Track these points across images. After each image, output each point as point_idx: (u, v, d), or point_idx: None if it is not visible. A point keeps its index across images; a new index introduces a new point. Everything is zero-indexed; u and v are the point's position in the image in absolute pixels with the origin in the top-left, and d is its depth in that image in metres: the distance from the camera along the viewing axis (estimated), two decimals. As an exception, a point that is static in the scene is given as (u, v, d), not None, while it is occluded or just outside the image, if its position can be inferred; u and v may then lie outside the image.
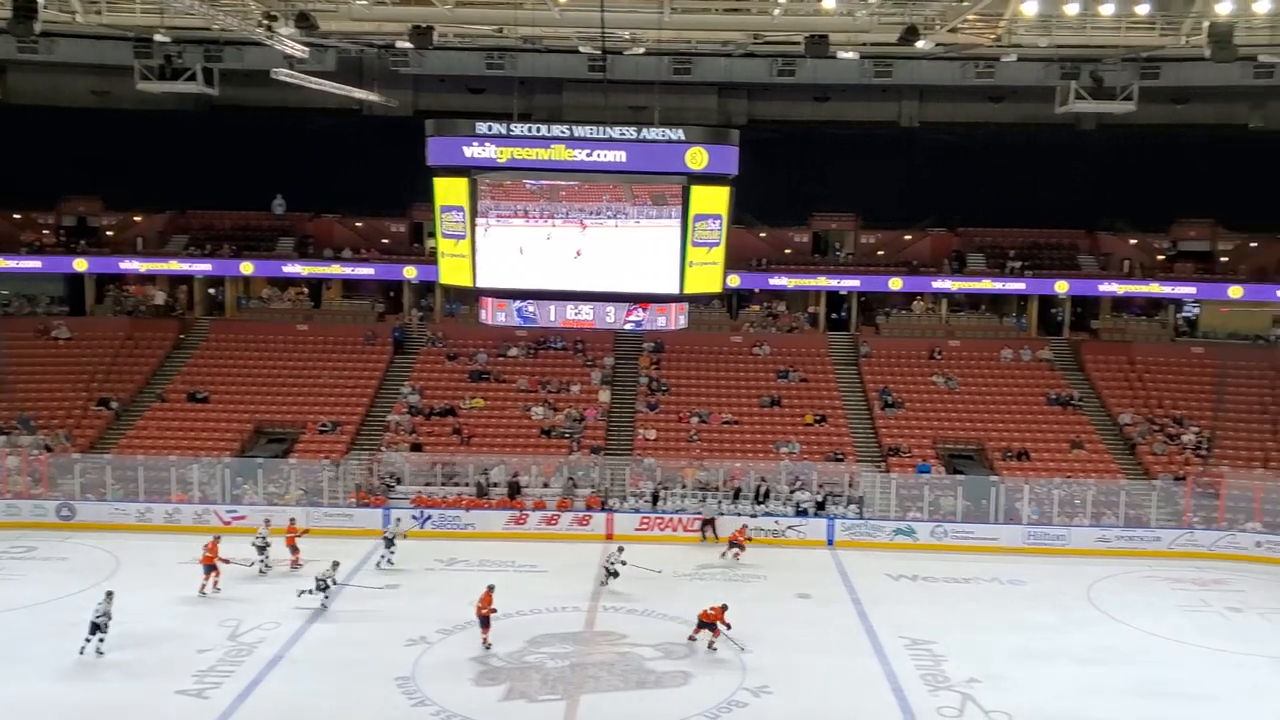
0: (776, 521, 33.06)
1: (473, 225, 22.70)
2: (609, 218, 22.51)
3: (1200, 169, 41.80)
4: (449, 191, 23.07)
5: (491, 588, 24.31)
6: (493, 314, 23.47)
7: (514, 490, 34.05)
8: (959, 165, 43.97)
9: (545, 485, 34.65)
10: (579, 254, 22.53)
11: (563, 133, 22.45)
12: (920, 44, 32.27)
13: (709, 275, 23.24)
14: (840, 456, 36.39)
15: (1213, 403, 38.79)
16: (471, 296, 29.20)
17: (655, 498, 34.08)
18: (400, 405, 38.57)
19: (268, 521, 29.95)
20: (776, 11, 31.95)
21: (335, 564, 27.01)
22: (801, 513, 33.47)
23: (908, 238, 46.19)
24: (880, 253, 46.30)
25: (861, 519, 33.47)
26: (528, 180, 22.53)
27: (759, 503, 33.78)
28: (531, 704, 21.64)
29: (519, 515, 33.05)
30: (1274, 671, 24.09)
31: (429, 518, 32.84)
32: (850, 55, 34.72)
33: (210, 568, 27.10)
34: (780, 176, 42.72)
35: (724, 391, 40.00)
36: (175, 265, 43.24)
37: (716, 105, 43.58)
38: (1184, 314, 44.02)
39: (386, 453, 35.85)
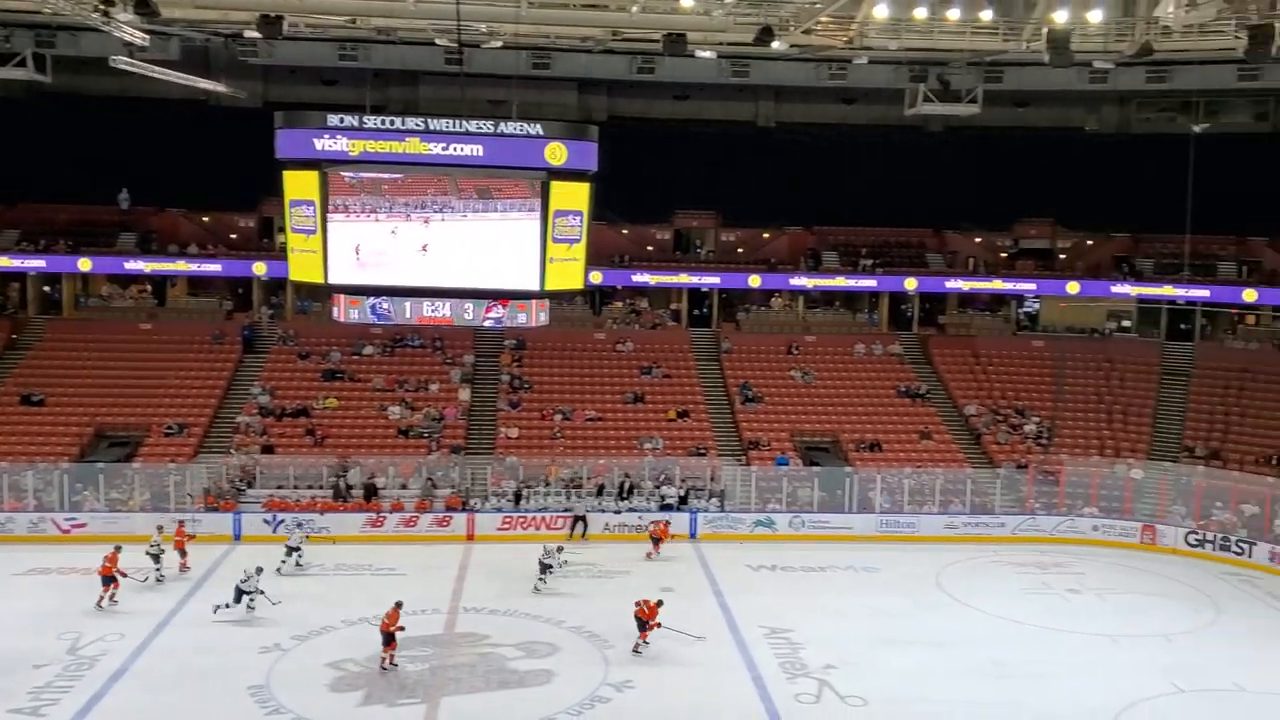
0: (640, 517, 33.18)
1: (324, 220, 22.09)
2: (453, 212, 22.09)
3: (1040, 170, 43.61)
4: (299, 185, 22.39)
5: (399, 604, 23.34)
6: (345, 311, 22.87)
7: (370, 492, 33.34)
8: (814, 165, 44.86)
9: (403, 486, 34.04)
10: (425, 248, 22.07)
11: (418, 126, 22.00)
12: (775, 45, 32.84)
13: (570, 272, 23.10)
14: (702, 451, 36.78)
15: (1052, 393, 40.56)
16: (324, 293, 28.43)
17: (518, 497, 33.84)
18: (250, 406, 37.35)
19: (160, 529, 28.83)
20: (634, 9, 32.06)
21: (259, 569, 26.19)
22: (665, 507, 33.68)
23: (766, 236, 46.95)
24: (740, 250, 46.96)
25: (723, 512, 33.90)
26: (364, 173, 22.00)
27: (623, 499, 33.86)
28: (390, 709, 21.23)
29: (376, 518, 32.36)
30: (1111, 649, 25.31)
31: (281, 521, 31.88)
32: (708, 54, 35.12)
33: (109, 579, 25.95)
34: (642, 173, 42.80)
35: (587, 388, 39.97)
36: (6, 261, 40.90)
37: (577, 101, 43.48)
38: (1025, 309, 45.87)
39: (236, 455, 34.66)
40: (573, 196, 22.23)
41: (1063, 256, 46.43)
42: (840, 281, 44.36)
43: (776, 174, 44.96)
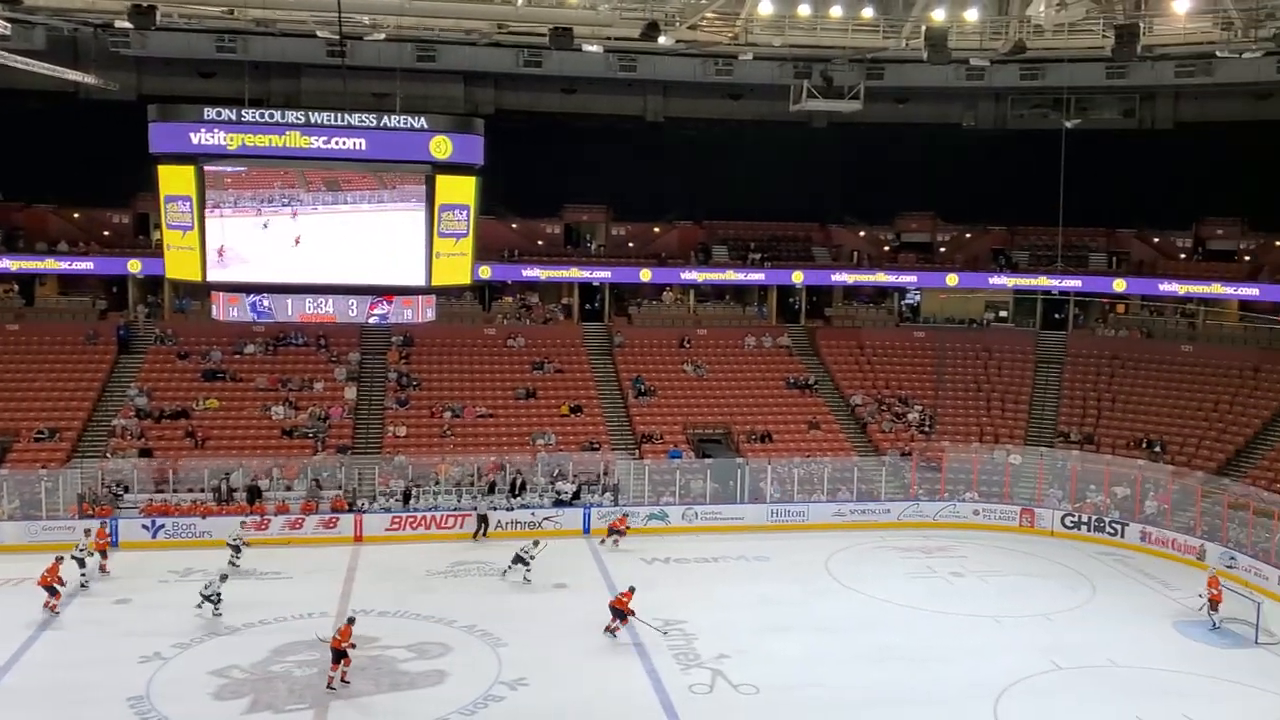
0: (533, 513, 33.05)
1: (201, 216, 21.38)
2: (303, 205, 21.51)
3: (920, 165, 44.72)
4: (174, 180, 21.63)
5: (352, 620, 22.62)
6: (225, 309, 22.20)
7: (254, 495, 32.51)
8: (702, 160, 45.26)
9: (288, 488, 33.29)
10: (298, 241, 21.50)
11: (298, 119, 21.44)
12: (662, 40, 33.07)
13: (457, 266, 22.78)
14: (595, 445, 36.78)
15: (934, 383, 41.65)
16: (203, 291, 27.55)
17: (407, 496, 33.37)
18: (127, 408, 36.09)
19: (88, 532, 28.32)
20: (520, 2, 31.91)
21: (223, 577, 25.78)
22: (559, 503, 33.59)
23: (657, 230, 47.16)
24: (631, 245, 47.05)
25: (617, 506, 33.94)
26: (240, 167, 21.37)
27: (514, 495, 33.66)
28: (278, 715, 20.73)
29: (260, 520, 31.55)
30: (993, 630, 26.10)
31: (161, 527, 30.89)
32: (595, 48, 35.13)
33: (51, 589, 25.34)
34: (531, 167, 42.75)
35: (478, 385, 39.63)
36: None
37: (463, 94, 43.03)
38: (907, 301, 46.96)
39: (112, 459, 33.46)
40: (459, 190, 21.93)
41: (942, 249, 47.66)
42: (730, 275, 44.81)
43: (666, 168, 45.21)
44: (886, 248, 47.70)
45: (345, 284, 21.94)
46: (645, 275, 44.08)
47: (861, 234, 47.83)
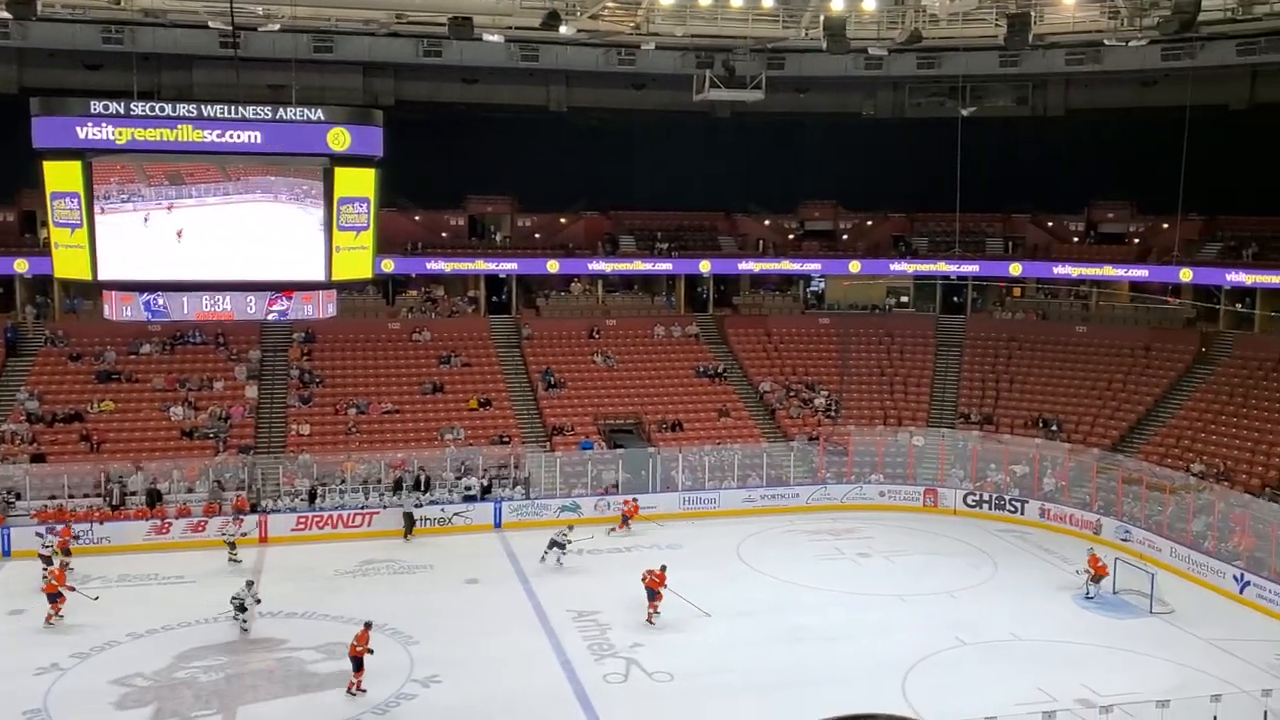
0: (443, 509, 32.74)
1: (89, 213, 20.66)
2: (190, 196, 21.00)
3: (822, 154, 45.34)
4: (61, 176, 20.86)
5: (369, 625, 22.01)
6: (118, 309, 21.49)
7: (153, 498, 31.64)
8: (607, 150, 45.31)
9: (189, 490, 32.47)
10: (180, 234, 20.90)
11: (190, 112, 20.85)
12: (563, 29, 32.90)
13: (358, 260, 22.41)
14: (505, 439, 36.57)
15: (839, 368, 42.29)
16: (95, 291, 26.69)
17: (313, 495, 32.80)
18: (17, 413, 34.80)
19: (52, 531, 28.79)
20: (418, -9, 31.50)
21: (249, 582, 24.92)
22: (469, 498, 33.33)
23: (563, 221, 47.02)
24: (537, 235, 46.86)
25: (528, 499, 33.83)
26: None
27: (422, 492, 33.30)
28: (183, 723, 20.26)
29: (161, 525, 30.73)
30: (899, 609, 26.65)
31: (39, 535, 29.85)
32: (496, 38, 34.81)
33: (55, 596, 24.86)
34: (433, 159, 42.28)
35: (383, 380, 39.10)
36: None
37: (362, 85, 42.27)
38: (812, 288, 47.58)
39: (2, 466, 32.24)
40: (358, 183, 21.56)
41: (845, 237, 48.38)
42: (638, 265, 44.93)
43: (571, 159, 45.12)
44: (791, 236, 48.25)
45: (242, 280, 21.44)
46: (552, 266, 43.95)
47: (766, 223, 48.30)
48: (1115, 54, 37.59)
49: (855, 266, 45.00)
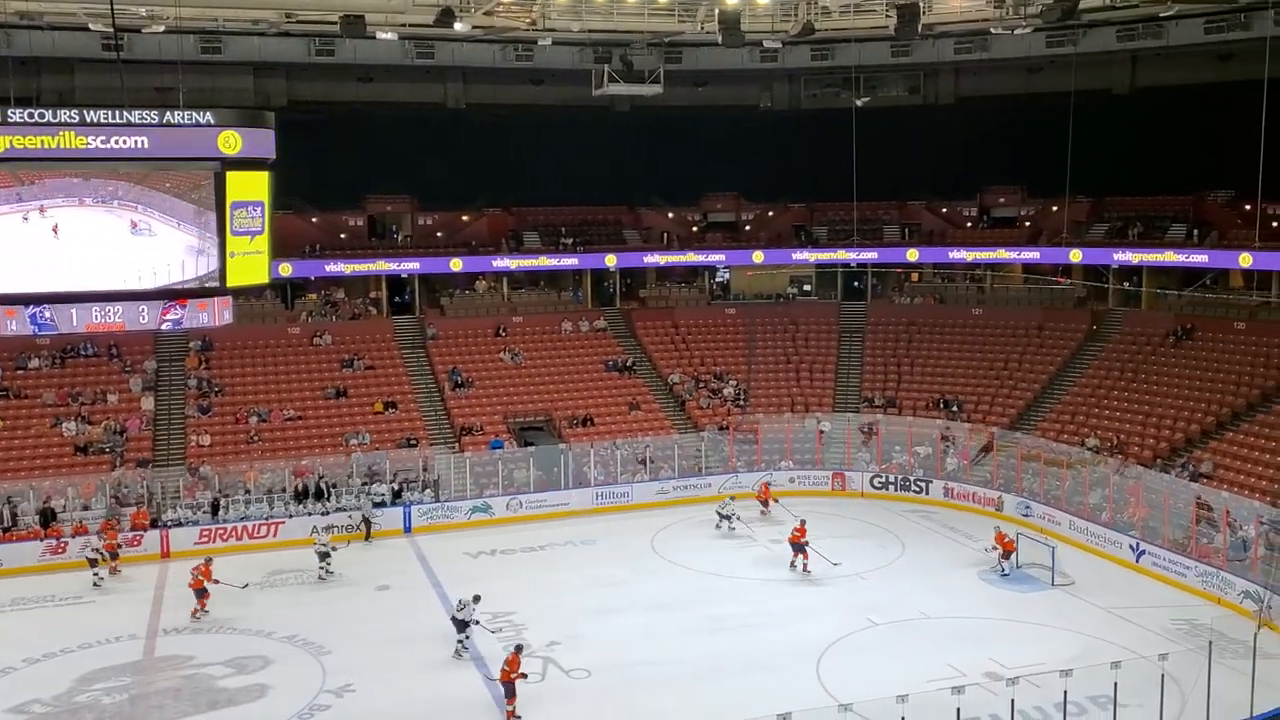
0: (349, 516, 32.22)
1: (-36, 224, 19.88)
2: (95, 203, 20.37)
3: (722, 147, 45.67)
4: (-67, 186, 20.03)
5: (519, 648, 20.98)
6: (2, 323, 20.74)
7: (47, 518, 30.49)
8: (508, 146, 45.04)
9: (85, 508, 31.41)
10: (56, 230, 20.20)
11: (72, 118, 20.13)
12: (458, 26, 32.60)
13: (254, 265, 21.92)
14: (413, 442, 36.15)
15: (746, 357, 42.69)
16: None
17: (216, 507, 31.99)
18: (-102, 435, 33.39)
19: (99, 534, 29.08)
20: (307, -10, 30.92)
21: (475, 597, 23.70)
22: (378, 504, 32.85)
23: (465, 218, 46.60)
24: (439, 234, 46.37)
25: (438, 502, 33.48)
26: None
27: (326, 499, 32.72)
28: (86, 748, 19.66)
29: (56, 544, 29.69)
30: (812, 593, 27.05)
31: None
32: (390, 36, 34.35)
33: (201, 592, 25.63)
34: (329, 159, 41.57)
35: (284, 387, 38.32)
36: None
37: (253, 86, 41.33)
38: (718, 279, 47.95)
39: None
40: (251, 186, 21.09)
41: (748, 228, 48.81)
42: (543, 261, 44.76)
43: (471, 156, 44.77)
44: (695, 228, 48.52)
45: (135, 289, 20.81)
46: (456, 265, 43.53)
47: (670, 215, 48.50)
48: (1002, 42, 38.66)
49: (758, 257, 45.47)
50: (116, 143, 20.21)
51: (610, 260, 44.88)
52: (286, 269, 39.77)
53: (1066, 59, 39.19)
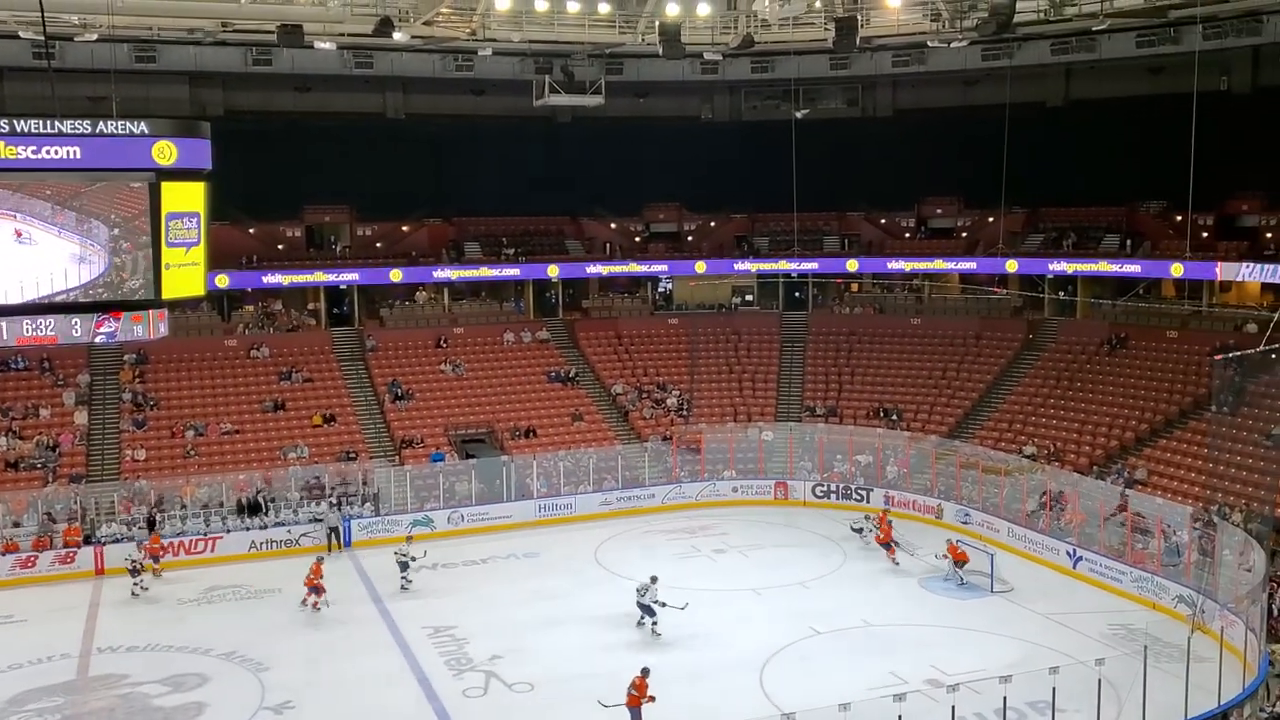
0: (289, 530, 31.79)
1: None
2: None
3: (664, 158, 45.86)
4: None
5: (646, 671, 20.31)
6: (-75, 338, 20.16)
7: (-24, 535, 29.82)
8: (449, 156, 44.87)
9: (16, 525, 30.63)
10: None
11: (1, 128, 19.72)
12: (397, 36, 32.45)
13: (190, 277, 21.50)
14: (353, 455, 35.76)
15: (688, 367, 42.82)
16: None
17: (152, 523, 31.37)
18: None
19: (139, 544, 29.06)
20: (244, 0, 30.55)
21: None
22: (316, 519, 32.43)
23: (405, 229, 46.24)
24: (379, 245, 45.90)
25: (378, 516, 33.12)
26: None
27: (264, 514, 32.24)
28: (16, 773, 19.16)
29: (-13, 562, 29.01)
30: (755, 602, 27.14)
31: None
32: (328, 45, 34.13)
33: (315, 589, 26.37)
34: (266, 169, 41.10)
35: (221, 400, 37.73)
36: None
37: (189, 95, 40.80)
38: (660, 289, 48.06)
39: None
40: (187, 197, 20.69)
41: (690, 238, 48.98)
42: (484, 272, 44.56)
43: (411, 166, 44.55)
44: (638, 238, 48.59)
45: (66, 301, 20.36)
46: (396, 275, 43.16)
47: (612, 226, 48.53)
48: (939, 55, 39.29)
49: (701, 267, 45.65)
50: (48, 153, 19.75)
51: (553, 271, 44.81)
52: (223, 280, 39.20)
53: (1001, 72, 39.90)
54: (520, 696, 21.83)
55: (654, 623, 24.73)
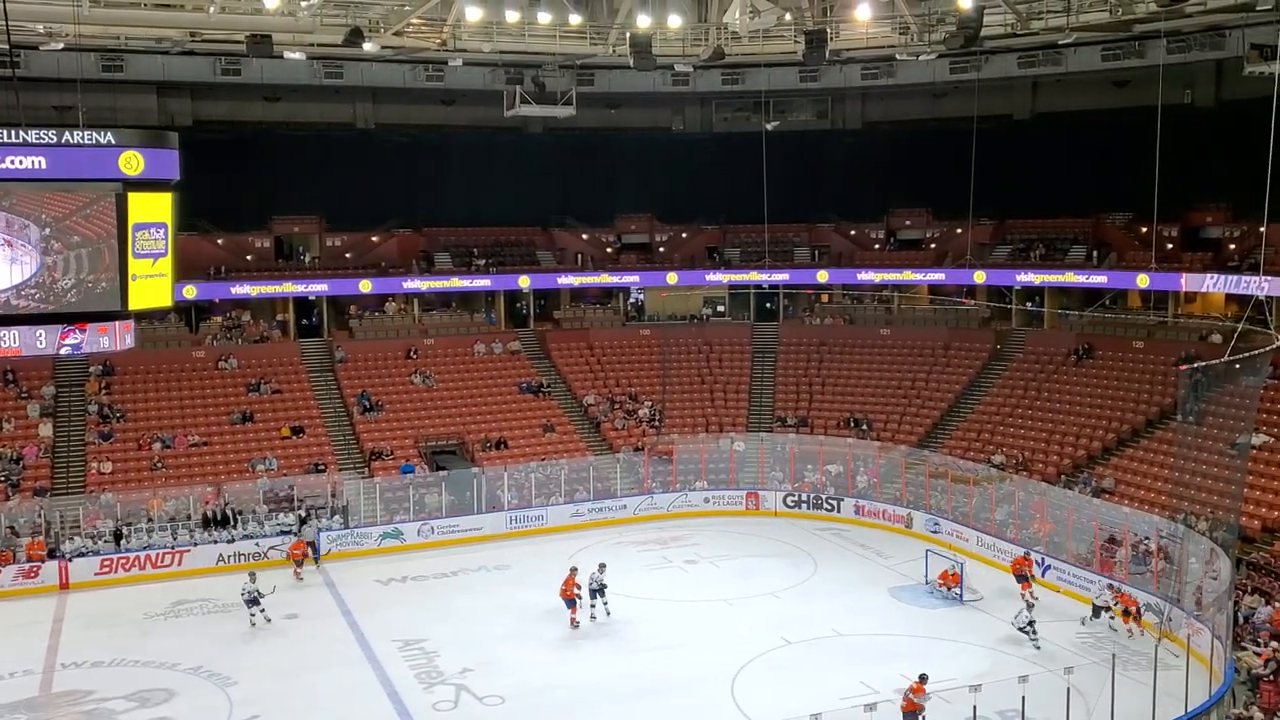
0: (257, 544, 31.50)
1: None
2: None
3: (636, 169, 45.95)
4: None
5: (924, 678, 20.08)
6: (-113, 349, 19.86)
7: (-62, 549, 29.37)
8: (418, 167, 44.80)
9: (-21, 538, 30.29)
10: None
11: (-36, 137, 19.48)
12: (367, 46, 32.34)
13: (157, 288, 21.34)
14: (322, 467, 35.51)
15: (660, 378, 42.83)
16: None
17: (118, 536, 31.01)
18: None
19: (253, 576, 27.10)
20: (213, 9, 30.34)
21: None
22: (285, 531, 32.16)
23: (375, 239, 46.03)
24: (348, 255, 45.66)
25: (347, 528, 32.88)
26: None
27: (232, 526, 31.95)
28: (-23, 792, 18.86)
29: (-49, 577, 28.58)
30: (726, 613, 27.14)
31: None
32: (297, 55, 33.96)
33: (571, 602, 26.09)
34: (235, 179, 40.95)
35: (189, 412, 37.38)
36: None
37: (157, 105, 40.48)
38: (632, 300, 48.08)
39: None
40: (154, 208, 20.55)
41: (662, 249, 49.01)
42: (455, 283, 44.39)
43: (381, 176, 44.39)
44: (609, 249, 48.57)
45: (30, 312, 20.12)
46: (365, 286, 42.94)
47: (584, 236, 48.50)
48: (907, 68, 39.57)
49: (672, 278, 45.69)
50: (13, 163, 19.57)
51: (524, 281, 44.70)
52: (191, 291, 38.85)
53: (969, 85, 40.22)
54: (490, 709, 21.71)
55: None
